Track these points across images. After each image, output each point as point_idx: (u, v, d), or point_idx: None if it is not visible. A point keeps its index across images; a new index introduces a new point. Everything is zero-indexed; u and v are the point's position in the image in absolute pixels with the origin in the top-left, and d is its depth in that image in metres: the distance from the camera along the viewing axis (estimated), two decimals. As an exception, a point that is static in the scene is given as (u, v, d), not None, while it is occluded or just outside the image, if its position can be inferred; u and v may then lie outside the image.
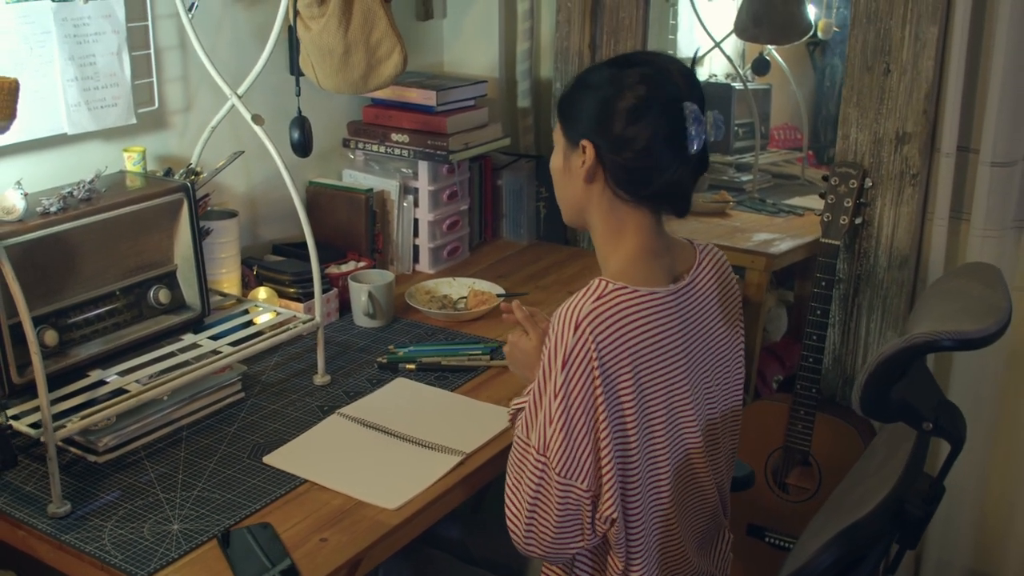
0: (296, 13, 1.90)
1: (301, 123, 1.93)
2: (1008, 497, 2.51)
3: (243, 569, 1.44)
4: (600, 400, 1.45)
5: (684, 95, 1.52)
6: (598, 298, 1.48)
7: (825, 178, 2.46)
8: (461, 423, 1.84)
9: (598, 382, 1.44)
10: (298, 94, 1.92)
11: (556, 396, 1.45)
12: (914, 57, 2.31)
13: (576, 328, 1.45)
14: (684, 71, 1.58)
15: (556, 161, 1.65)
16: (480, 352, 2.09)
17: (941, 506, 2.45)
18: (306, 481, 1.66)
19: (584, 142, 1.56)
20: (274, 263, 2.27)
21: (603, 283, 1.51)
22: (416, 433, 1.79)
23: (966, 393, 2.41)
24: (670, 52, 3.74)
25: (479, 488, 1.76)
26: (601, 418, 1.45)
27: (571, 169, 1.61)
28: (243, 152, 2.02)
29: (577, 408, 1.45)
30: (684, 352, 1.55)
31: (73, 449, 1.71)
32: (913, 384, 1.43)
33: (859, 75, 2.39)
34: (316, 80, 2.01)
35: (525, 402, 1.57)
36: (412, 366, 2.04)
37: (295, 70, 2.29)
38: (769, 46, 3.72)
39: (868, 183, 2.41)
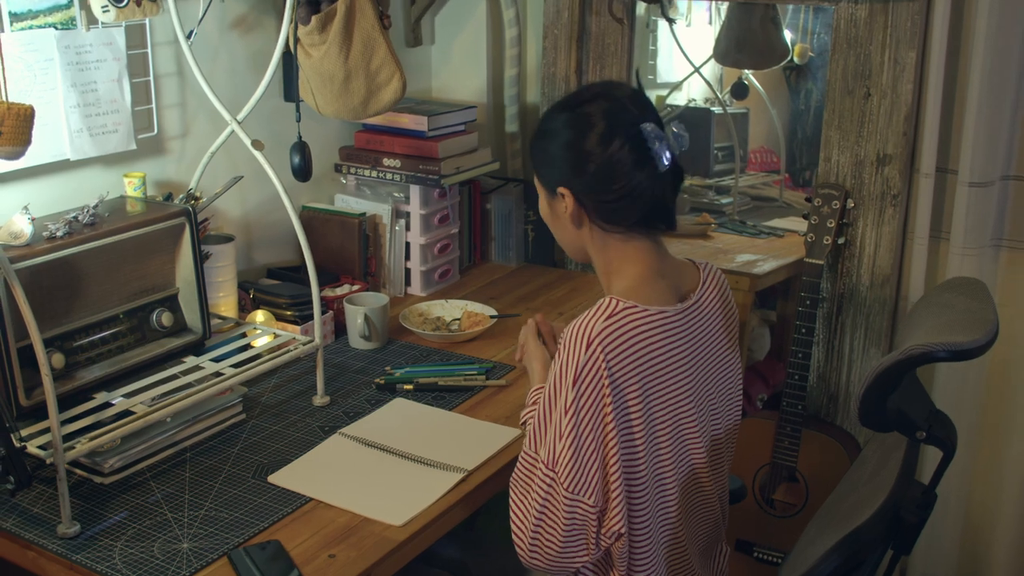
0: (297, 40, 1.94)
1: (301, 148, 1.97)
2: (990, 505, 2.56)
3: (255, 585, 1.46)
4: (609, 417, 1.48)
5: (639, 118, 1.55)
6: (609, 316, 1.51)
7: (808, 199, 2.52)
8: (461, 441, 1.87)
9: (608, 399, 1.48)
10: (298, 120, 1.96)
11: (566, 412, 1.48)
12: (893, 81, 2.38)
13: (588, 346, 1.48)
14: (633, 95, 1.61)
15: (543, 209, 1.70)
16: (476, 372, 2.13)
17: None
18: (312, 499, 1.69)
19: (561, 189, 1.60)
20: (270, 286, 2.30)
21: (614, 301, 1.54)
22: (417, 451, 1.82)
23: (949, 403, 2.47)
24: (650, 77, 3.81)
25: (481, 504, 1.80)
26: (610, 435, 1.48)
27: (558, 215, 1.66)
28: (242, 177, 2.05)
29: (586, 425, 1.48)
30: (690, 369, 1.59)
31: (79, 471, 1.73)
32: (907, 395, 1.49)
33: (840, 99, 2.46)
34: (316, 106, 2.05)
35: (533, 411, 1.60)
36: (410, 386, 2.07)
37: (289, 96, 2.33)
38: (747, 71, 3.80)
39: (850, 204, 2.47)
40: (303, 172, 1.99)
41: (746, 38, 3.38)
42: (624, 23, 2.67)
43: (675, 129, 1.60)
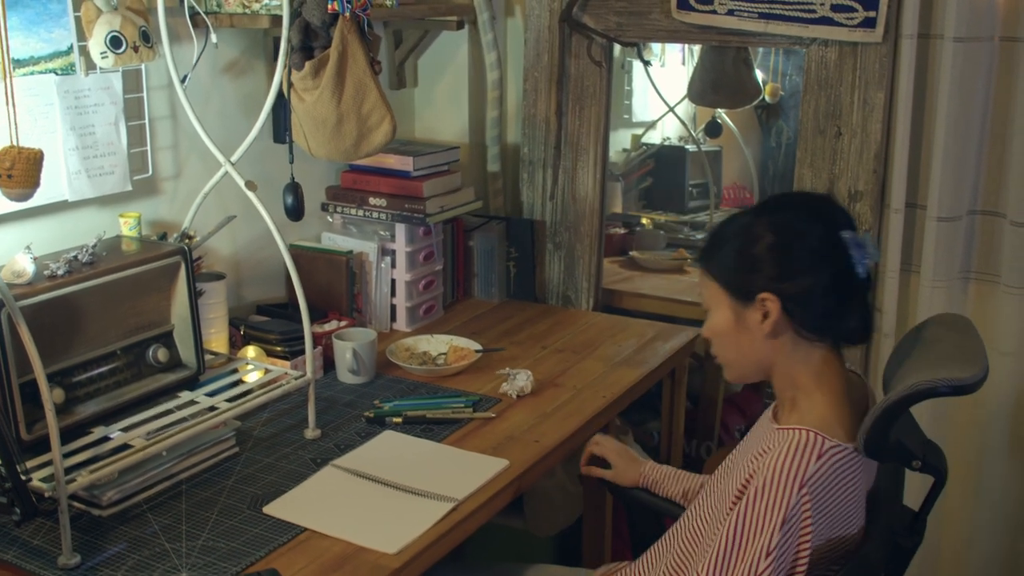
0: (291, 85, 2.01)
1: (294, 189, 2.03)
2: (965, 538, 2.62)
3: (256, 613, 1.51)
4: (803, 556, 1.48)
5: (841, 225, 1.54)
6: (819, 457, 1.47)
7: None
8: (450, 471, 1.92)
9: (806, 540, 1.47)
10: (291, 161, 2.02)
11: (768, 555, 1.43)
12: (863, 120, 2.47)
13: (801, 488, 1.45)
14: (831, 200, 1.62)
15: (720, 322, 1.60)
16: (463, 405, 2.18)
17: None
18: (306, 529, 1.73)
19: (765, 295, 1.53)
20: (260, 323, 2.35)
21: (818, 439, 1.49)
22: (408, 482, 1.87)
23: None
24: (626, 116, 3.90)
25: (471, 533, 1.84)
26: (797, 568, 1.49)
27: (747, 327, 1.57)
28: (235, 216, 2.10)
29: (782, 565, 1.46)
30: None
31: (78, 504, 1.76)
32: (904, 426, 1.54)
33: (812, 138, 2.55)
34: (308, 148, 2.11)
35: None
36: (399, 419, 2.12)
37: (278, 137, 2.39)
38: (720, 110, 3.90)
39: (823, 239, 2.55)
40: (296, 212, 2.05)
41: (719, 79, 3.48)
42: (602, 65, 2.76)
43: (867, 239, 1.58)
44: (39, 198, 1.93)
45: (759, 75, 3.67)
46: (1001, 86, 2.39)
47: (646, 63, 3.36)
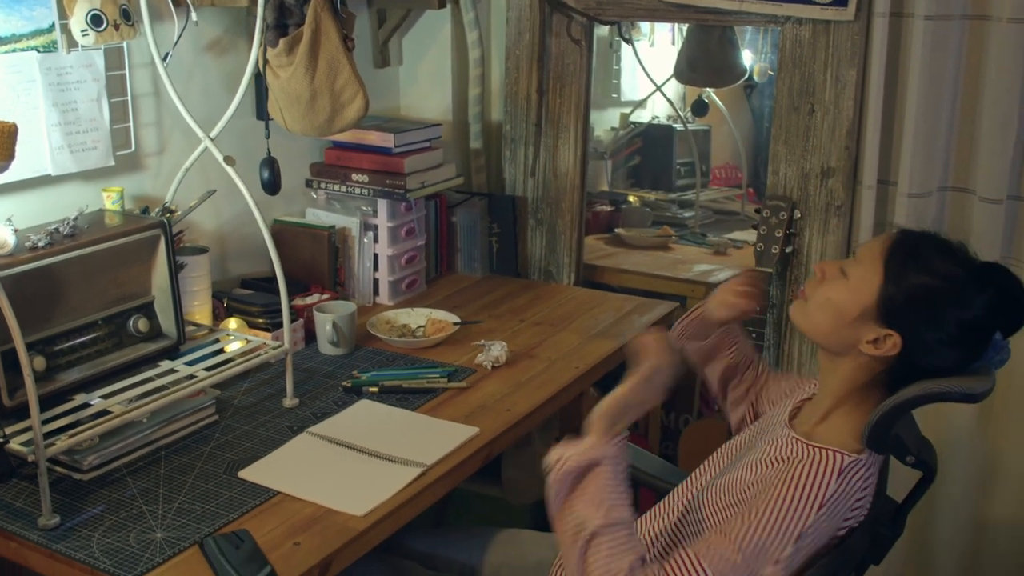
0: (266, 62, 2.06)
1: (271, 163, 2.08)
2: (933, 500, 2.68)
3: (224, 570, 1.56)
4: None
5: (1006, 326, 1.54)
6: (839, 474, 1.49)
7: (757, 211, 2.65)
8: (422, 438, 1.98)
9: (811, 550, 1.51)
10: (267, 137, 2.07)
11: (776, 563, 1.48)
12: (835, 98, 2.51)
13: (820, 508, 1.47)
14: (1021, 296, 1.54)
15: (850, 302, 1.57)
16: (438, 375, 2.24)
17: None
18: (279, 493, 1.79)
19: (893, 334, 1.53)
20: (243, 295, 2.40)
21: (841, 458, 1.50)
22: (380, 448, 1.93)
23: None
24: (614, 96, 3.95)
25: (440, 497, 1.90)
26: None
27: (858, 330, 1.56)
28: (215, 191, 2.16)
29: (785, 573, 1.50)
30: None
31: (59, 468, 1.82)
32: (904, 423, 1.58)
33: (786, 115, 2.59)
34: (284, 124, 2.16)
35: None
36: (375, 389, 2.17)
37: (261, 115, 2.44)
38: (708, 89, 3.94)
39: (797, 215, 2.60)
40: (272, 186, 2.11)
41: (704, 58, 3.52)
42: (582, 44, 2.80)
43: (1007, 352, 1.58)
44: (22, 172, 2.00)
45: (747, 55, 3.71)
46: (971, 64, 2.43)
47: (627, 41, 3.40)
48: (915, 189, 2.47)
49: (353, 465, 1.89)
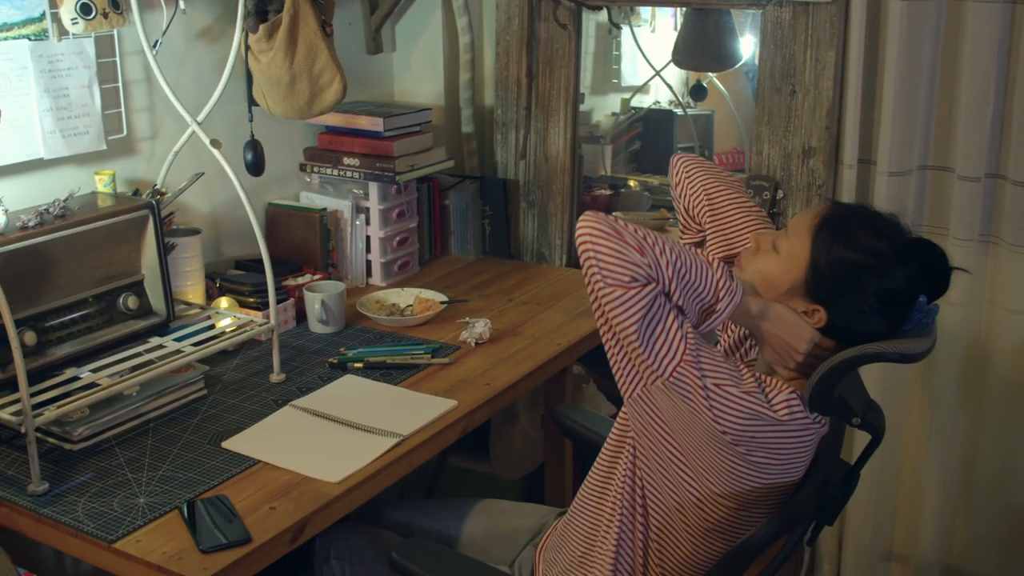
0: (248, 47, 2.13)
1: (254, 146, 2.15)
2: (918, 484, 2.72)
3: (201, 531, 1.64)
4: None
5: (925, 289, 1.58)
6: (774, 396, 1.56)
7: (741, 190, 2.69)
8: (400, 410, 2.04)
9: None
10: (251, 120, 2.15)
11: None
12: (815, 78, 2.55)
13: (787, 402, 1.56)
14: (945, 268, 1.60)
15: (777, 274, 1.62)
16: (423, 352, 2.30)
17: (860, 495, 2.67)
18: (259, 461, 1.86)
19: (820, 309, 1.59)
20: (235, 276, 2.48)
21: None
22: (359, 419, 1.99)
23: (879, 386, 2.63)
24: (615, 81, 3.99)
25: (416, 466, 1.97)
26: None
27: (788, 297, 1.62)
28: (204, 173, 2.23)
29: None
30: None
31: (51, 439, 1.90)
32: (848, 385, 1.62)
33: (769, 96, 2.63)
34: (267, 107, 2.23)
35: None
36: (360, 364, 2.24)
37: (250, 99, 2.51)
38: (710, 74, 3.97)
39: (780, 194, 2.64)
40: (256, 168, 2.18)
41: (700, 43, 3.55)
42: (569, 29, 2.85)
43: (934, 316, 1.62)
44: (15, 155, 2.08)
45: (749, 40, 3.74)
46: (949, 43, 2.45)
47: (616, 26, 3.45)
48: (894, 168, 2.51)
49: (332, 436, 1.96)
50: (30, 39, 2.06)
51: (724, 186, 1.82)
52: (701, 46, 3.56)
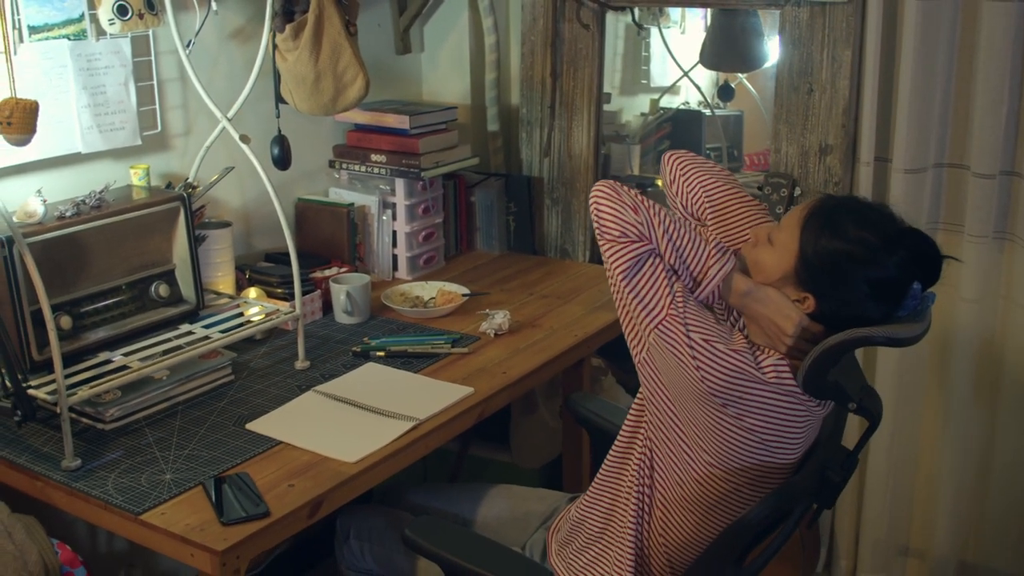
0: (275, 47, 2.22)
1: (280, 141, 2.24)
2: (934, 480, 2.75)
3: (223, 505, 1.72)
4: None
5: (923, 277, 1.61)
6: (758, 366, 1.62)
7: (759, 187, 2.74)
8: (418, 396, 2.12)
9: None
10: (278, 116, 2.24)
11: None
12: (832, 77, 2.59)
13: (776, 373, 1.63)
14: (935, 256, 1.63)
15: (771, 266, 1.68)
16: (443, 341, 2.37)
17: (876, 490, 2.70)
18: (281, 442, 1.95)
19: (810, 296, 1.64)
20: (265, 268, 2.57)
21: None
22: (378, 404, 2.07)
23: (896, 382, 2.67)
24: (644, 82, 4.05)
25: (432, 449, 2.04)
26: None
27: (779, 281, 1.67)
28: (233, 168, 2.32)
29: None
30: None
31: (84, 419, 2.00)
32: (844, 370, 1.68)
33: (787, 95, 2.68)
34: (294, 104, 2.32)
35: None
36: (382, 353, 2.32)
37: (277, 96, 2.60)
38: (739, 75, 4.02)
39: (797, 191, 2.69)
40: (282, 162, 2.27)
41: (727, 44, 3.60)
42: (592, 29, 2.91)
43: (929, 300, 1.65)
44: (55, 149, 2.18)
45: (777, 41, 3.78)
46: (964, 42, 2.49)
47: (640, 27, 3.52)
48: (910, 165, 2.55)
49: (351, 419, 2.03)
50: (69, 39, 2.16)
51: (720, 182, 1.88)
52: (728, 47, 3.61)
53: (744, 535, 1.66)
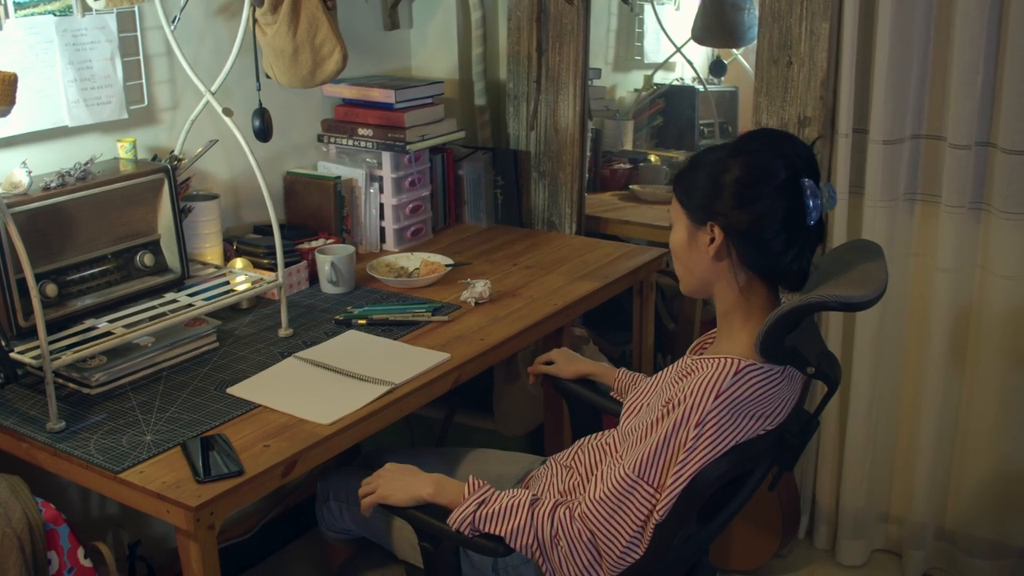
0: (255, 21, 2.27)
1: (261, 113, 2.29)
2: (912, 447, 2.79)
3: (198, 464, 1.78)
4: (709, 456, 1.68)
5: (801, 171, 1.66)
6: (735, 374, 1.65)
7: (740, 160, 2.77)
8: (396, 362, 2.17)
9: (718, 447, 1.66)
10: (259, 89, 2.28)
11: (683, 449, 1.65)
12: (810, 50, 2.62)
13: (717, 396, 1.64)
14: (800, 149, 1.69)
15: (678, 237, 1.75)
16: (424, 310, 2.43)
17: (855, 459, 2.74)
18: (259, 406, 2.01)
19: (712, 223, 1.68)
20: (252, 239, 2.62)
21: (736, 361, 1.66)
22: (355, 369, 2.12)
23: (873, 352, 2.71)
24: (637, 58, 4.08)
25: (407, 413, 2.09)
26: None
27: (697, 247, 1.72)
28: (217, 140, 2.37)
29: (697, 464, 1.66)
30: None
31: (71, 384, 2.06)
32: (803, 335, 1.72)
33: (767, 67, 2.71)
34: (275, 77, 2.37)
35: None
36: (363, 321, 2.37)
37: (258, 70, 2.65)
38: (734, 51, 4.05)
39: (777, 163, 2.72)
40: (263, 134, 2.32)
41: (716, 19, 3.63)
42: (576, 5, 2.95)
43: (828, 189, 1.69)
44: (41, 123, 2.23)
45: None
46: (941, 13, 2.52)
47: (626, 2, 3.53)
48: (887, 136, 2.58)
49: (329, 383, 2.09)
50: (55, 15, 2.21)
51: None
52: (717, 23, 3.64)
53: (702, 491, 1.70)
